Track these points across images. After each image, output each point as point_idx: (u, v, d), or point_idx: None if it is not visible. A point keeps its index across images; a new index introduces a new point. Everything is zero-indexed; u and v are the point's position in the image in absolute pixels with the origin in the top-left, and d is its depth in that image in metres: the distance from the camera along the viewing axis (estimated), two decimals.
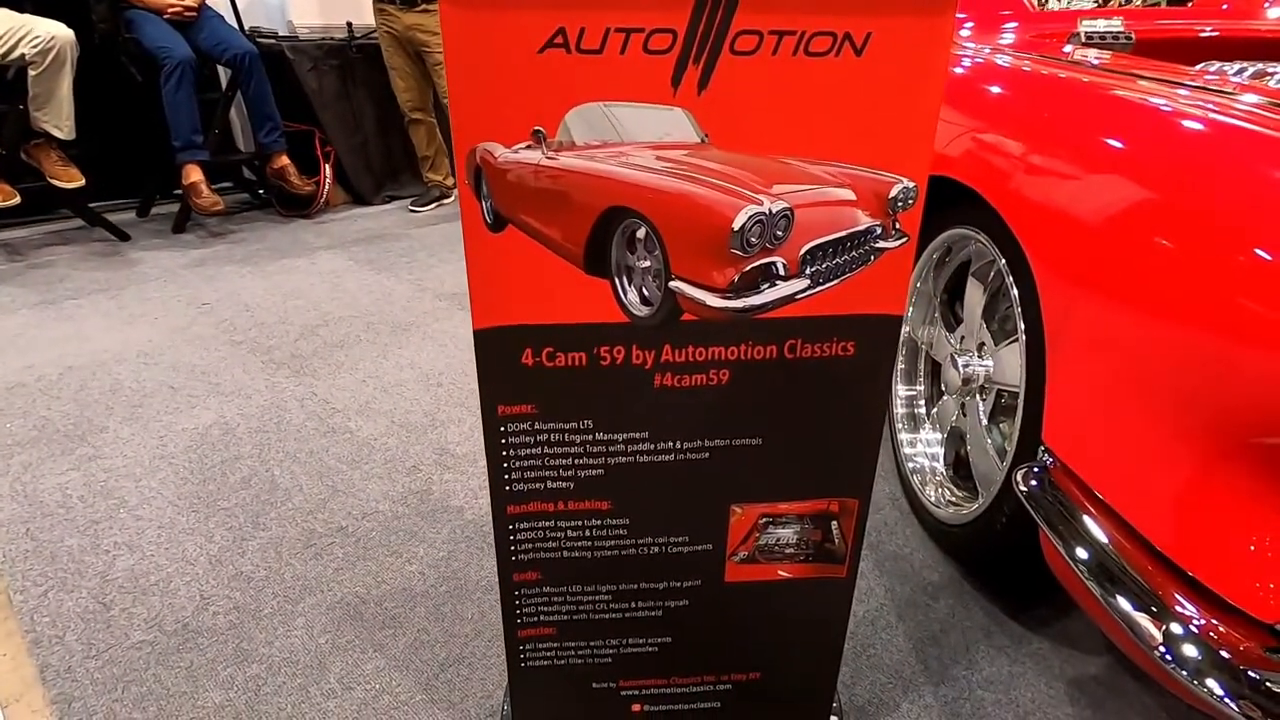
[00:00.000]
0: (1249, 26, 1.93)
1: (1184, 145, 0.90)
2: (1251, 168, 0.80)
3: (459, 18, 0.57)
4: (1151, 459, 0.81)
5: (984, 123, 1.30)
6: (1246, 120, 0.87)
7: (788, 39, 0.61)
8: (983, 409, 1.31)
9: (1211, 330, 0.74)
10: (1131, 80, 1.12)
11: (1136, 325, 0.85)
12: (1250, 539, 0.71)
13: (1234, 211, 0.77)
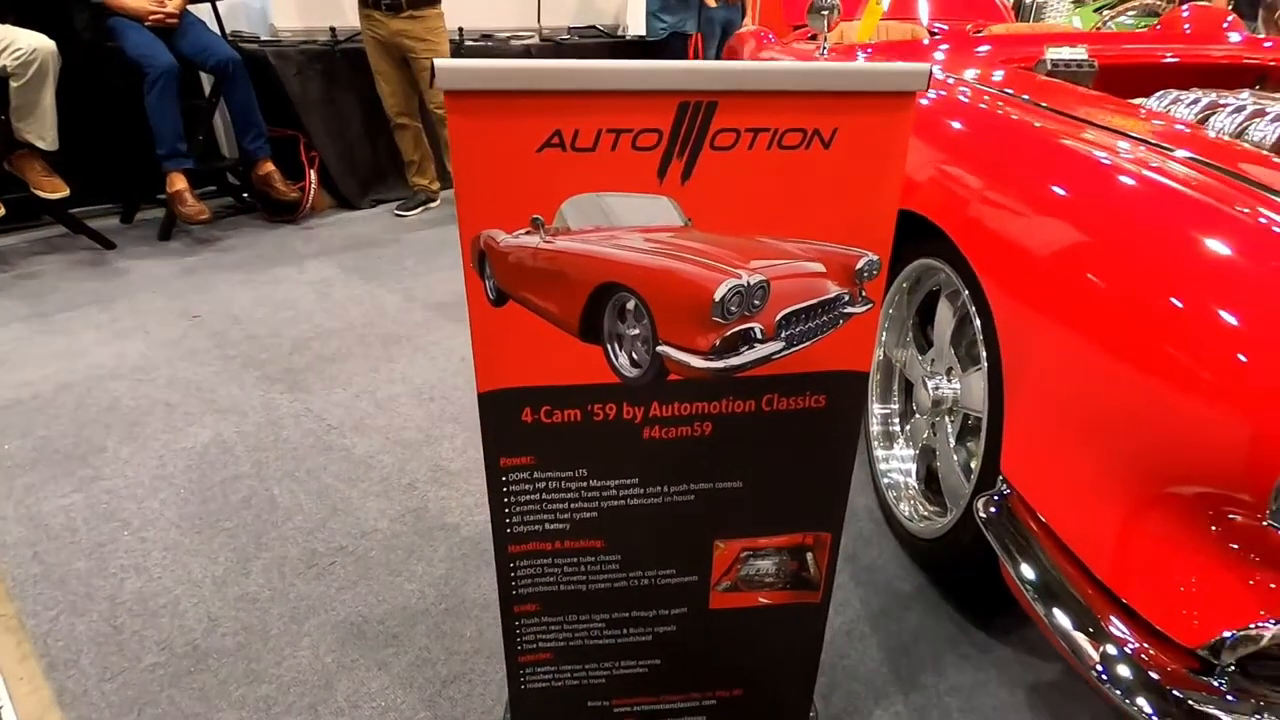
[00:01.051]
0: (1206, 52, 2.02)
1: (1118, 200, 0.98)
2: (1173, 226, 0.88)
3: (466, 124, 0.62)
4: (1093, 496, 0.89)
5: (946, 158, 1.38)
6: (1174, 179, 0.95)
7: (762, 135, 0.67)
8: (951, 430, 1.39)
9: (1136, 380, 0.82)
10: (1079, 128, 1.20)
11: (1078, 367, 0.93)
12: (1176, 573, 0.79)
13: (1155, 267, 0.85)
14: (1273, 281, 0.77)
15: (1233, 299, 0.77)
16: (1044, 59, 1.86)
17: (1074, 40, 2.02)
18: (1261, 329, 0.73)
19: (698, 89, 0.64)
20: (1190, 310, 0.79)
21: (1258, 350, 0.71)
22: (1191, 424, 0.75)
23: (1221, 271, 0.82)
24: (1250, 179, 0.95)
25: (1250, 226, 0.85)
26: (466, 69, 0.60)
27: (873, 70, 0.66)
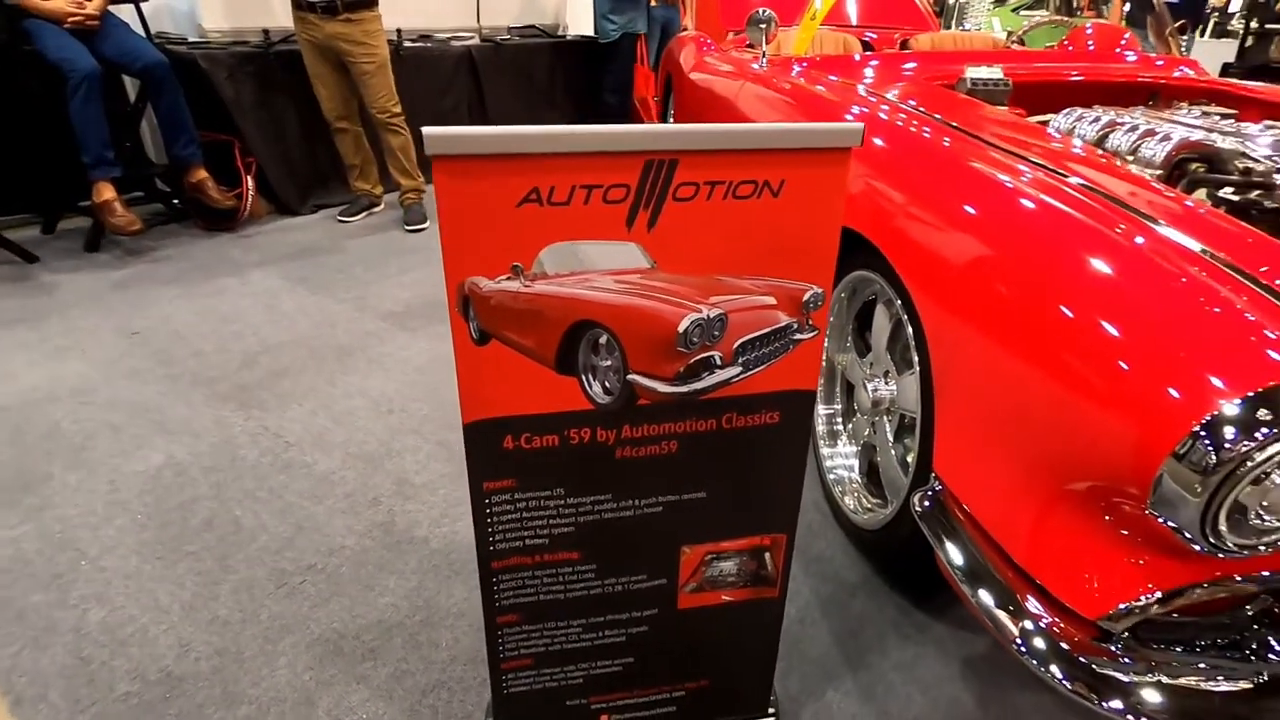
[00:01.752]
0: (1106, 70, 2.20)
1: (1018, 219, 1.11)
2: (1063, 245, 1.00)
3: (453, 184, 0.68)
4: (1010, 490, 1.01)
5: (875, 175, 1.50)
6: (1066, 202, 1.09)
7: (719, 187, 0.75)
8: (890, 428, 1.51)
9: (1040, 386, 0.94)
10: (989, 150, 1.33)
11: (992, 373, 1.05)
12: (1078, 556, 0.92)
13: (1048, 281, 0.98)
14: (1145, 297, 0.89)
15: (1113, 312, 0.90)
16: (965, 78, 2.01)
17: (991, 60, 2.18)
18: (1138, 341, 0.85)
19: (661, 149, 0.71)
20: (1078, 322, 0.92)
21: (1136, 360, 0.83)
22: (1085, 426, 0.87)
23: (1103, 287, 0.94)
24: (1128, 204, 1.09)
25: (1127, 248, 0.98)
26: (454, 136, 0.65)
27: (813, 130, 0.74)
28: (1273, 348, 0.77)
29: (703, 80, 3.10)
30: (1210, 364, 0.77)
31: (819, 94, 2.03)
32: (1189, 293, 0.87)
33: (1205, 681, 0.88)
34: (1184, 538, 0.79)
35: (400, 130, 3.52)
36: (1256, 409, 0.71)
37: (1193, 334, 0.81)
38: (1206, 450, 0.73)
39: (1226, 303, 0.84)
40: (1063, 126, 1.86)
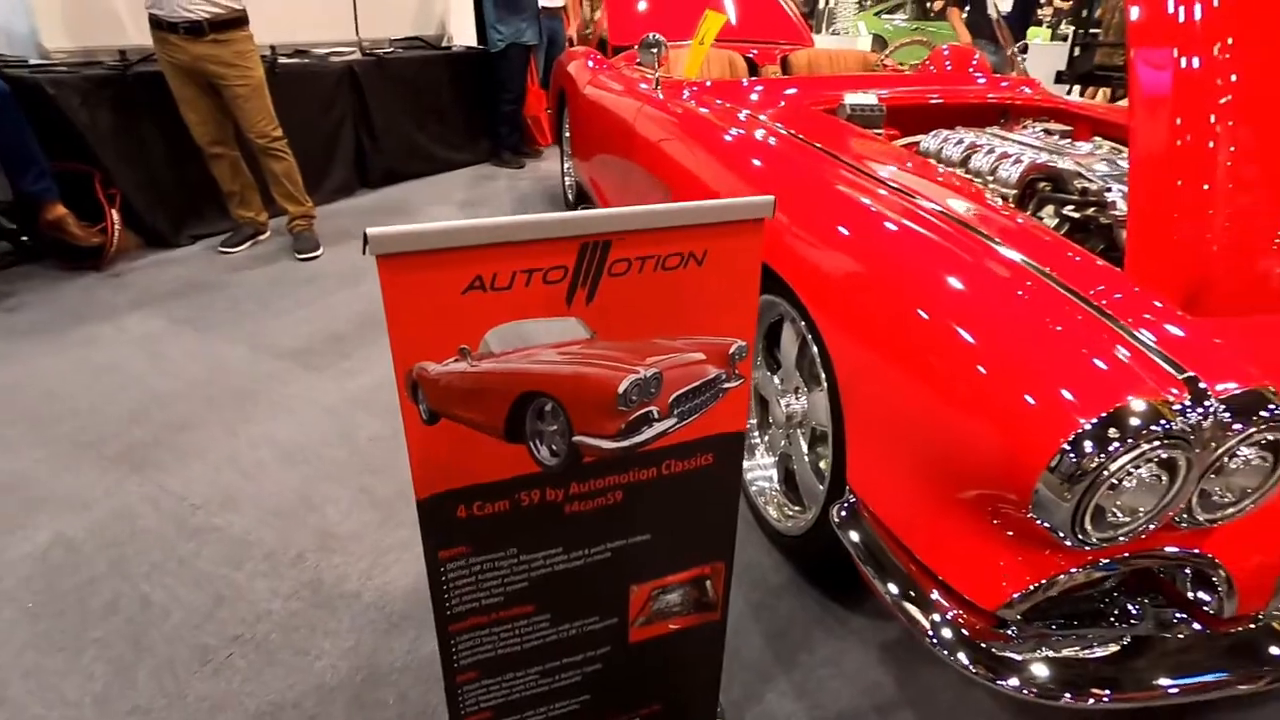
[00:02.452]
0: (964, 93, 2.45)
1: (879, 240, 1.28)
2: (933, 269, 1.15)
3: (398, 279, 0.70)
4: (915, 499, 1.13)
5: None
6: (920, 224, 1.27)
7: (649, 261, 0.81)
8: (804, 440, 1.63)
9: (930, 403, 1.07)
10: (862, 177, 1.50)
11: (890, 390, 1.17)
12: (975, 555, 1.05)
13: (923, 305, 1.11)
14: (1010, 324, 1.03)
15: (982, 339, 1.03)
16: (844, 104, 2.17)
17: (866, 84, 2.37)
18: (1007, 366, 0.99)
19: (595, 232, 0.76)
20: (952, 347, 1.05)
21: (1007, 385, 0.97)
22: (971, 444, 1.00)
23: (969, 313, 1.08)
24: (979, 229, 1.25)
25: (978, 268, 1.13)
26: (397, 236, 0.67)
27: (731, 205, 0.81)
28: (1115, 369, 0.92)
29: (598, 97, 3.16)
30: (1070, 389, 0.91)
31: (710, 120, 2.14)
32: (1044, 318, 1.02)
33: (1082, 651, 1.03)
34: (1058, 536, 0.93)
35: (283, 155, 3.36)
36: (1108, 427, 0.85)
37: (1053, 360, 0.96)
38: (1073, 464, 0.86)
39: (1077, 327, 0.99)
40: (931, 148, 2.06)
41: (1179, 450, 0.86)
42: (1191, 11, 1.26)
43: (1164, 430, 0.85)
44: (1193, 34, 1.25)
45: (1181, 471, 0.88)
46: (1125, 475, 0.87)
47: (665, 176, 2.16)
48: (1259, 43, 1.26)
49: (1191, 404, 0.87)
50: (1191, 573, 1.03)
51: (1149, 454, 0.86)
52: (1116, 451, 0.85)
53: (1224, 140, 1.25)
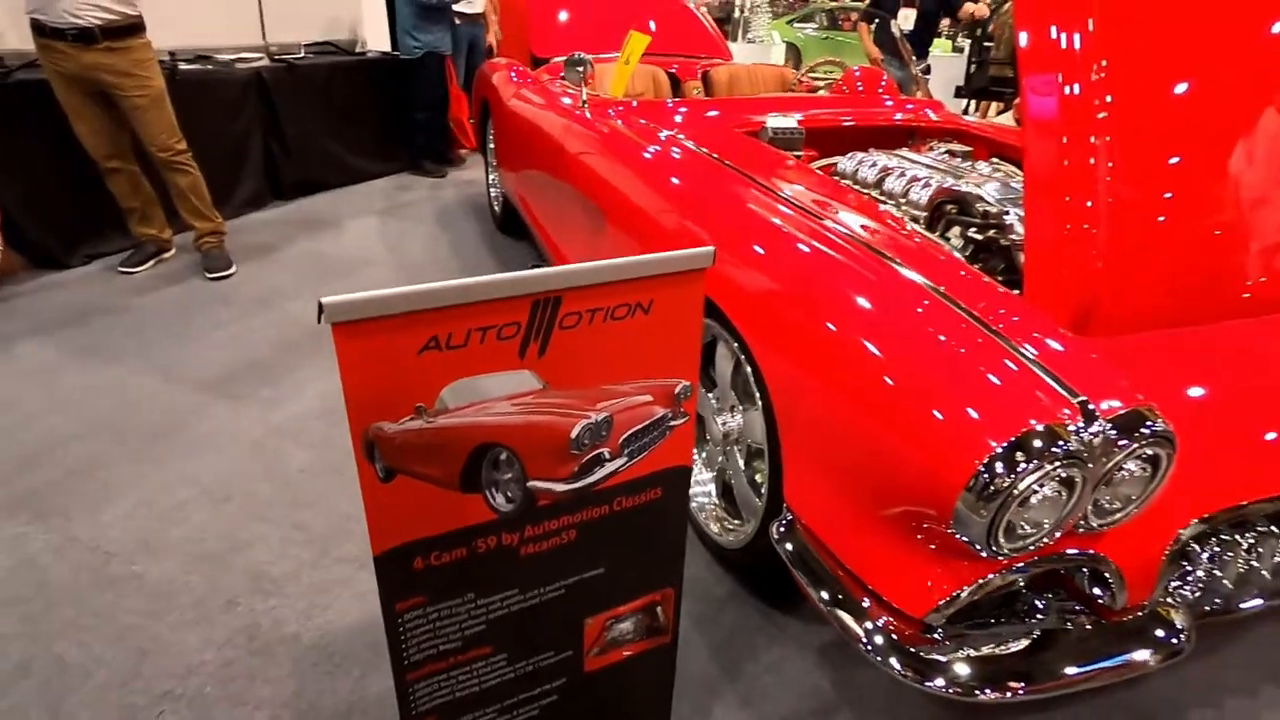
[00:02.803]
0: (876, 115, 2.59)
1: (791, 260, 1.40)
2: (826, 284, 1.25)
3: (354, 345, 0.70)
4: (846, 516, 1.21)
5: (691, 222, 1.71)
6: (842, 253, 1.38)
7: (599, 313, 0.84)
8: (740, 456, 1.70)
9: (856, 423, 1.15)
10: (778, 200, 1.63)
11: (819, 408, 1.25)
12: (904, 567, 1.13)
13: (830, 321, 1.20)
14: (921, 352, 1.12)
15: (895, 366, 1.12)
16: (767, 127, 2.27)
17: (787, 107, 2.47)
18: (923, 393, 1.07)
19: (547, 289, 0.78)
20: (872, 372, 1.14)
21: (925, 412, 1.05)
22: (894, 464, 1.08)
23: (883, 339, 1.17)
24: (886, 253, 1.36)
25: (883, 290, 1.25)
26: (353, 304, 0.68)
27: (675, 257, 0.85)
28: (1018, 395, 1.02)
29: (523, 111, 3.15)
30: (980, 415, 1.00)
31: (640, 144, 2.19)
32: (952, 344, 1.11)
33: (998, 648, 1.13)
34: (975, 548, 1.02)
35: (187, 168, 3.18)
36: (1016, 451, 0.95)
37: (962, 386, 1.05)
38: (986, 484, 0.95)
39: (980, 351, 1.09)
40: (848, 170, 2.18)
41: (1075, 468, 0.96)
42: (1073, 38, 1.39)
43: (1063, 451, 0.95)
44: (1074, 60, 1.39)
45: (1078, 486, 0.98)
46: (1031, 492, 0.96)
47: (599, 199, 2.19)
48: (1131, 64, 1.40)
49: (1084, 425, 0.98)
50: (1088, 571, 1.15)
51: (1051, 473, 0.95)
52: (1024, 472, 0.94)
53: (1103, 159, 1.39)
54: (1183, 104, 1.44)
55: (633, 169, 2.10)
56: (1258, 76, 1.47)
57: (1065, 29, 1.40)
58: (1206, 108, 1.45)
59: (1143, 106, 1.42)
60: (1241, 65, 1.47)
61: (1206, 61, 1.45)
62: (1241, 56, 1.47)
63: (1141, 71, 1.42)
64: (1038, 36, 1.43)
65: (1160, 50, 1.43)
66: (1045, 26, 1.41)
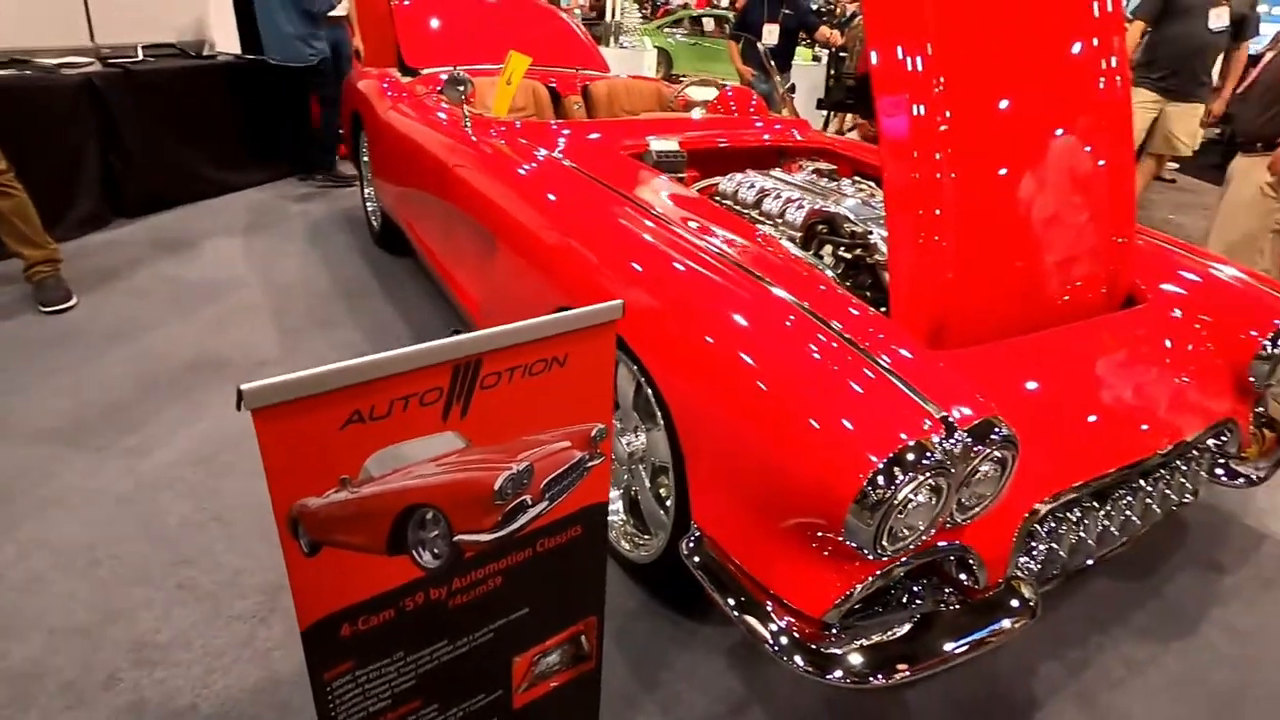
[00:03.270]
0: (749, 136, 2.75)
1: (670, 278, 1.52)
2: (700, 299, 1.39)
3: (276, 427, 0.69)
4: (749, 529, 1.31)
5: (575, 247, 1.78)
6: (721, 275, 1.49)
7: (518, 370, 0.87)
8: (646, 475, 1.77)
9: (750, 440, 1.25)
10: (656, 220, 1.75)
11: (719, 433, 1.34)
12: (804, 572, 1.25)
13: (727, 354, 1.32)
14: (803, 375, 1.24)
15: (784, 390, 1.23)
16: (650, 150, 2.35)
17: (668, 129, 2.57)
18: (817, 411, 1.19)
19: (466, 354, 0.81)
20: (759, 393, 1.24)
21: (812, 432, 1.17)
22: (789, 478, 1.19)
23: (765, 358, 1.29)
24: (759, 274, 1.48)
25: (751, 303, 1.38)
26: (274, 388, 0.67)
27: (587, 313, 0.90)
28: (891, 413, 1.15)
29: (403, 127, 3.06)
30: (862, 435, 1.12)
31: (528, 169, 2.21)
32: (829, 365, 1.24)
33: (885, 635, 1.27)
34: (863, 552, 1.14)
35: (10, 190, 2.83)
36: (893, 466, 1.07)
37: (843, 409, 1.17)
38: (871, 497, 1.07)
39: (857, 375, 1.22)
40: (728, 190, 2.31)
41: (942, 476, 1.11)
42: (916, 59, 1.55)
43: (932, 462, 1.09)
44: (918, 80, 1.55)
45: (945, 490, 1.13)
46: (908, 500, 1.09)
47: (489, 223, 2.19)
48: (964, 82, 1.57)
49: (946, 437, 1.12)
50: (955, 559, 1.32)
51: (924, 482, 1.09)
52: (901, 484, 1.07)
53: (947, 172, 1.56)
54: (1004, 119, 1.64)
55: (521, 193, 2.12)
56: (1054, 93, 1.70)
57: (910, 51, 1.54)
58: (1022, 123, 1.67)
59: (975, 121, 1.60)
60: (1043, 83, 1.69)
61: (1018, 80, 1.65)
62: (1043, 75, 1.69)
63: (972, 88, 1.60)
64: (886, 58, 1.56)
65: (984, 68, 1.62)
66: (893, 48, 1.54)
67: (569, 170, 2.12)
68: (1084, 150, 1.75)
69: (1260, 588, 1.97)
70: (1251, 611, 1.89)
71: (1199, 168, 6.66)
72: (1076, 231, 1.77)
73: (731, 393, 1.31)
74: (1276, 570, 2.04)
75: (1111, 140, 1.77)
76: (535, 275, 1.97)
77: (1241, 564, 2.05)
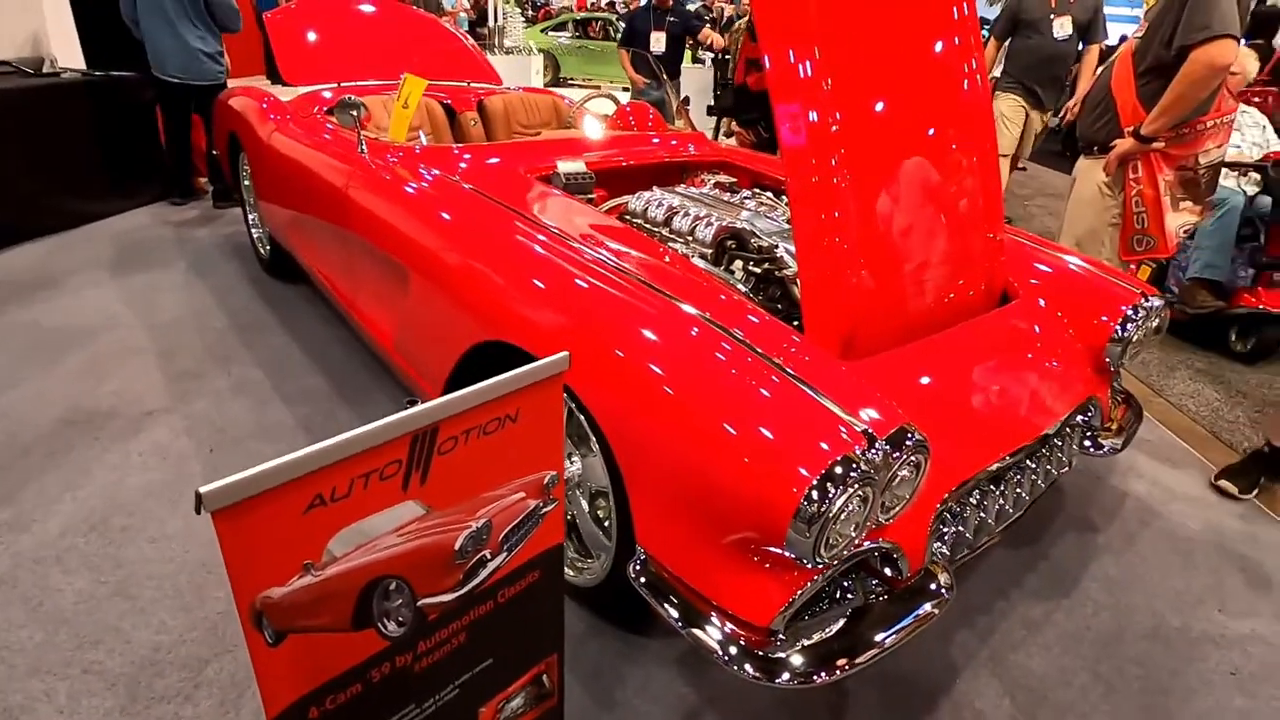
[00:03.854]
0: (651, 152, 2.81)
1: (578, 299, 1.58)
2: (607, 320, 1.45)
3: (235, 525, 0.67)
4: (693, 547, 1.37)
5: (496, 279, 1.79)
6: (628, 294, 1.56)
7: (474, 431, 0.88)
8: (584, 499, 1.79)
9: (688, 460, 1.31)
10: (561, 243, 1.79)
11: (656, 455, 1.39)
12: (748, 584, 1.32)
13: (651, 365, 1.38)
14: (729, 393, 1.31)
15: (724, 412, 1.30)
16: (559, 172, 2.36)
17: (572, 150, 2.59)
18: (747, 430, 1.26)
19: (423, 424, 0.81)
20: (710, 419, 1.30)
21: (749, 451, 1.24)
22: (727, 498, 1.26)
23: (686, 378, 1.35)
24: (670, 292, 1.55)
25: (674, 329, 1.45)
26: (235, 486, 0.65)
27: (536, 368, 0.92)
28: (817, 430, 1.24)
29: (293, 152, 2.91)
30: (793, 453, 1.20)
31: (432, 195, 2.18)
32: (752, 383, 1.32)
33: (823, 632, 1.36)
34: (803, 561, 1.22)
35: None
36: (826, 482, 1.16)
37: (771, 428, 1.25)
38: (809, 511, 1.15)
39: (781, 393, 1.30)
40: (637, 209, 2.36)
41: (869, 485, 1.20)
42: (806, 63, 1.60)
43: (860, 474, 1.18)
44: (809, 83, 1.59)
45: (871, 497, 1.23)
46: (841, 511, 1.19)
47: (402, 256, 2.13)
48: (849, 85, 1.62)
49: (869, 448, 1.22)
50: (879, 554, 1.43)
51: (853, 493, 1.18)
52: (834, 496, 1.16)
53: (843, 175, 1.63)
54: (885, 121, 1.71)
55: (430, 223, 2.08)
56: (924, 94, 1.79)
57: (800, 56, 1.59)
58: (900, 124, 1.74)
59: (860, 123, 1.66)
60: (915, 84, 1.77)
61: (892, 82, 1.72)
62: (913, 76, 1.77)
63: (856, 91, 1.66)
64: (780, 62, 1.58)
65: (863, 70, 1.68)
66: (785, 51, 1.58)
67: (477, 197, 2.10)
68: (955, 149, 1.86)
69: (1126, 541, 2.25)
70: (1119, 563, 2.15)
71: (1040, 154, 7.43)
72: (958, 231, 1.91)
73: (665, 421, 1.35)
74: (1138, 525, 2.33)
75: (978, 138, 1.89)
76: (451, 305, 1.94)
77: (1109, 521, 2.33)
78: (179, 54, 4.16)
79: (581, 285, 1.62)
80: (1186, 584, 2.10)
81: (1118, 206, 2.63)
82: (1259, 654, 1.87)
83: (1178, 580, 2.11)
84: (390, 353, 2.31)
